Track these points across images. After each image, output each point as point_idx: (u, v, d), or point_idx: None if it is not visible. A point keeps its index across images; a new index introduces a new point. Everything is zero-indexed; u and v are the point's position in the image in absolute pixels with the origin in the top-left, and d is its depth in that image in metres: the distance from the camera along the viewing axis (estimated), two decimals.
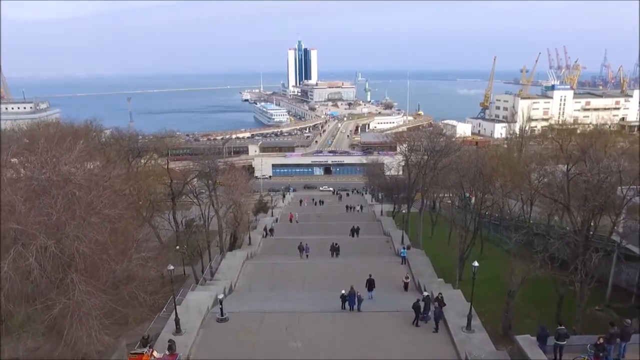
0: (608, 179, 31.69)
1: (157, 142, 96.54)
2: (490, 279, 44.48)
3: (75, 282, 19.56)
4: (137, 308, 23.84)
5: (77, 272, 19.80)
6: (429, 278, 37.14)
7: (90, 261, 20.74)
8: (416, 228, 57.63)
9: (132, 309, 23.58)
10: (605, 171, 31.45)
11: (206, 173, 57.17)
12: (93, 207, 21.83)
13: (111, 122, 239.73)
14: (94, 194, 22.31)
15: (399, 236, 53.77)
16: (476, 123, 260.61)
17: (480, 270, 44.89)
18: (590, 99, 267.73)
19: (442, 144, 52.94)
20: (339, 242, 50.17)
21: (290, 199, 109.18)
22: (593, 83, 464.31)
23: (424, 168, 50.41)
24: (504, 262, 48.74)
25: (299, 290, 36.82)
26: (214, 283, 35.61)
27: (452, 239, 58.91)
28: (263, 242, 54.75)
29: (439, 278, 37.17)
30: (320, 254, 48.69)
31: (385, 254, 50.45)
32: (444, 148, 51.66)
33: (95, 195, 22.34)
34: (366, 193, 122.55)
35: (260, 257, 47.48)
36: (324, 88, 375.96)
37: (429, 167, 49.81)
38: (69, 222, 20.49)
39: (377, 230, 65.21)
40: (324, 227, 67.34)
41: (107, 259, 21.61)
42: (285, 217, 75.71)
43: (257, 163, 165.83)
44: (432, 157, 50.11)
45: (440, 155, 50.36)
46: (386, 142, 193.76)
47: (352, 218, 78.12)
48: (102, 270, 21.81)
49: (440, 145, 51.92)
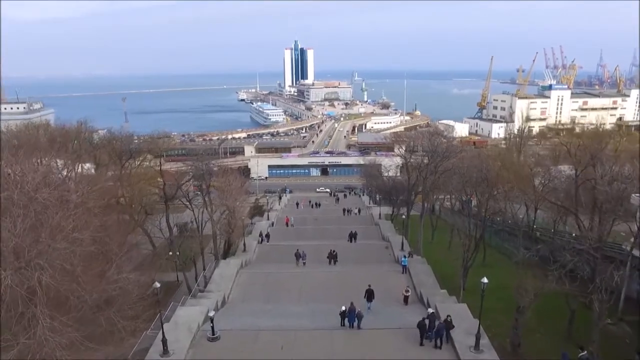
0: (622, 187, 30.01)
1: (151, 144, 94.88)
2: (495, 288, 42.64)
3: (38, 316, 17.35)
4: (115, 336, 21.56)
5: (40, 306, 17.56)
6: (432, 289, 35.39)
7: (57, 292, 18.48)
8: (416, 233, 56.00)
9: (110, 339, 21.25)
10: (621, 179, 29.75)
11: (200, 175, 55.40)
12: (61, 229, 19.50)
13: (106, 123, 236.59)
14: (62, 215, 19.89)
15: (399, 242, 52.07)
16: (473, 123, 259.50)
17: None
18: (588, 98, 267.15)
19: (444, 147, 51.14)
20: (336, 248, 48.44)
21: (286, 201, 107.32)
22: (589, 83, 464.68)
23: (425, 171, 48.62)
24: (508, 271, 47.22)
25: (295, 302, 35.03)
26: (206, 295, 33.77)
27: (452, 244, 57.50)
28: (258, 248, 52.91)
29: (442, 289, 35.28)
30: (318, 261, 46.92)
31: (384, 261, 48.72)
32: (445, 151, 49.86)
33: (63, 216, 19.93)
34: (363, 194, 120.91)
35: (255, 265, 45.65)
36: (321, 88, 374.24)
37: (430, 171, 48.01)
38: (31, 248, 18.24)
39: (375, 235, 63.49)
40: (321, 232, 65.55)
41: (77, 288, 19.33)
42: (282, 221, 73.82)
43: (253, 164, 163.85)
44: (433, 160, 48.31)
45: (442, 158, 48.60)
46: (383, 143, 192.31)
47: (349, 222, 76.35)
48: (72, 302, 19.56)
49: (441, 148, 50.11)
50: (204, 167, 52.01)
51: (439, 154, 48.36)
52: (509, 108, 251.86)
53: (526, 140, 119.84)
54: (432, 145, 50.36)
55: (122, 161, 68.66)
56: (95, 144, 76.54)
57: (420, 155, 58.87)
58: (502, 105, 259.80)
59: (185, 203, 59.04)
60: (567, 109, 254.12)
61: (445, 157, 48.75)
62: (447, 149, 50.71)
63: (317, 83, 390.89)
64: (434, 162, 47.84)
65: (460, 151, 57.52)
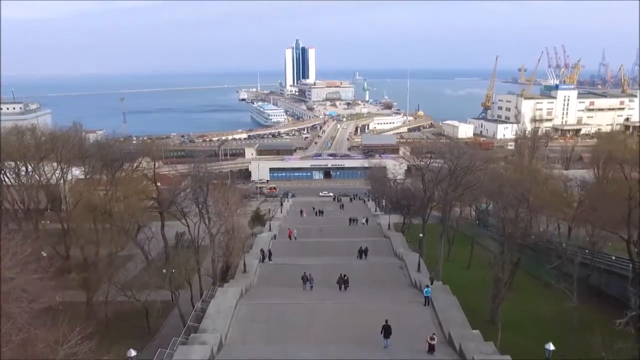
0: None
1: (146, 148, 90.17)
2: (530, 320, 38.06)
3: None
4: None
5: None
6: (461, 329, 30.50)
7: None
8: (431, 247, 50.88)
9: None
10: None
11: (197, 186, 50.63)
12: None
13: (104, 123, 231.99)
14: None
15: (414, 261, 47.33)
16: (478, 124, 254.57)
17: (515, 306, 38.22)
18: (595, 99, 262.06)
19: (467, 158, 45.85)
20: (345, 268, 43.97)
21: (288, 207, 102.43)
22: (592, 82, 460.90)
23: (445, 186, 43.45)
24: (539, 295, 42.40)
25: (304, 343, 30.24)
26: (200, 338, 28.94)
27: (472, 261, 52.67)
28: (260, 268, 48.09)
29: (473, 330, 30.39)
30: (327, 284, 42.14)
31: (400, 284, 43.94)
32: (470, 165, 44.71)
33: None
34: (369, 199, 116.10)
35: (256, 292, 40.70)
36: (322, 87, 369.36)
37: (451, 186, 42.85)
38: None
39: (386, 250, 58.71)
40: (327, 246, 60.72)
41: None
42: (284, 232, 69.01)
43: (254, 167, 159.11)
44: (454, 174, 43.10)
45: (465, 173, 43.56)
46: (388, 145, 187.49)
47: (357, 233, 71.65)
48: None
49: (465, 161, 44.92)
50: (201, 184, 46.59)
51: (462, 168, 43.27)
52: (514, 108, 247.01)
53: (538, 143, 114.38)
54: (453, 157, 45.27)
55: (113, 170, 64.03)
56: (85, 150, 71.64)
57: (436, 163, 53.79)
58: (507, 105, 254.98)
59: (179, 218, 54.48)
60: (574, 110, 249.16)
61: (469, 171, 43.78)
62: (471, 162, 45.53)
63: (319, 82, 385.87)
64: (456, 176, 42.75)
65: (486, 164, 52.33)
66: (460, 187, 43.80)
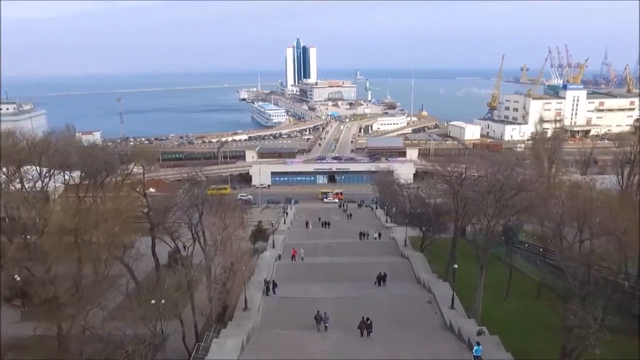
0: None
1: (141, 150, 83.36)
2: None
3: None
4: None
5: None
6: None
7: None
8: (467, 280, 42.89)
9: None
10: None
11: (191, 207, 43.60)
12: None
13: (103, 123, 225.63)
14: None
15: (444, 294, 40.26)
16: (485, 125, 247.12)
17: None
18: (604, 99, 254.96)
19: (517, 182, 38.02)
20: (364, 300, 38.70)
21: (292, 217, 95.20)
22: (595, 82, 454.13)
23: (486, 206, 35.65)
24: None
25: None
26: None
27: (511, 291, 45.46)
28: (264, 303, 40.87)
29: None
30: (342, 325, 35.17)
31: (432, 326, 36.80)
32: (521, 184, 37.20)
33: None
34: (377, 207, 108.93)
35: (261, 343, 33.26)
36: (324, 87, 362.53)
37: (497, 209, 34.94)
38: None
39: (407, 274, 51.60)
40: (339, 269, 53.45)
41: None
42: (288, 250, 61.76)
43: (255, 171, 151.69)
44: (501, 195, 35.46)
45: (512, 195, 36.04)
46: (395, 147, 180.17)
47: (370, 251, 64.46)
48: None
49: (515, 182, 37.39)
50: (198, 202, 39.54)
51: (509, 190, 35.46)
52: (522, 109, 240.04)
53: (558, 147, 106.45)
54: (496, 171, 37.68)
55: (96, 182, 56.93)
56: (66, 159, 64.38)
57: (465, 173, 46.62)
58: (514, 105, 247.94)
59: (172, 239, 47.43)
60: (583, 110, 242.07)
61: (517, 194, 36.18)
62: (521, 182, 37.80)
63: (321, 82, 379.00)
64: (501, 198, 35.18)
65: (537, 185, 44.75)
66: (507, 209, 36.38)
